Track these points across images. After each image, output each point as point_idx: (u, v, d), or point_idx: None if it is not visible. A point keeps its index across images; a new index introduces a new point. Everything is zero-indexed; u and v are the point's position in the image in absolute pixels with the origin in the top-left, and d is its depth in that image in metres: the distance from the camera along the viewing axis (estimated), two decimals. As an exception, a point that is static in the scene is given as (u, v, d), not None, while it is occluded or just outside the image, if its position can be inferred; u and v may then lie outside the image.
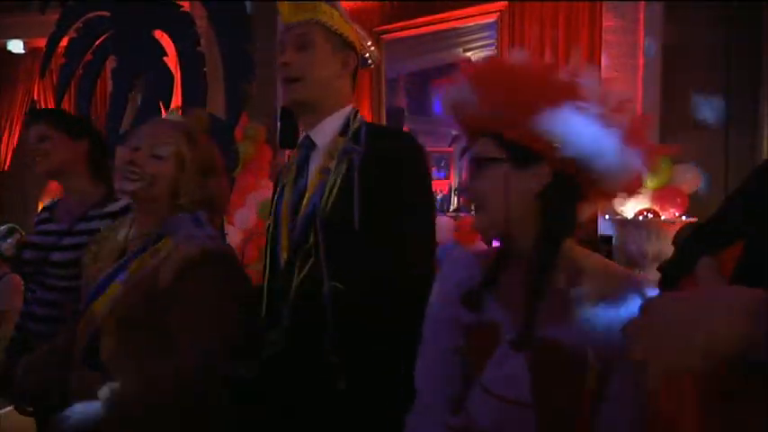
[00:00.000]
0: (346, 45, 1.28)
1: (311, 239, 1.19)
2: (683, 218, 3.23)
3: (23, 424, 1.71)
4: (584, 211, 0.91)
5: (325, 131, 1.27)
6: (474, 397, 0.91)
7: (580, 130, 0.82)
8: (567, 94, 0.84)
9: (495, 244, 0.99)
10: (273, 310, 1.23)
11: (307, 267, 1.19)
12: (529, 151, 0.85)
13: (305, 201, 1.23)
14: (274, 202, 1.33)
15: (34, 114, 1.78)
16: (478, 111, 0.89)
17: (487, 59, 0.94)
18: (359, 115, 1.29)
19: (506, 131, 0.86)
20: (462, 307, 0.93)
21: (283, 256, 1.23)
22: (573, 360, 0.84)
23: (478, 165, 0.90)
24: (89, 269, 1.32)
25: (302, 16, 1.25)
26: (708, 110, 3.46)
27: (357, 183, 1.17)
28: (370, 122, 1.29)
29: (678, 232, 3.22)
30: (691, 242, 0.77)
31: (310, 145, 1.28)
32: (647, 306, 0.58)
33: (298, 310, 1.19)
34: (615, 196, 0.90)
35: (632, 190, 0.89)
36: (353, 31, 1.29)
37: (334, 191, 1.19)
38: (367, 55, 1.34)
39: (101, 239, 1.36)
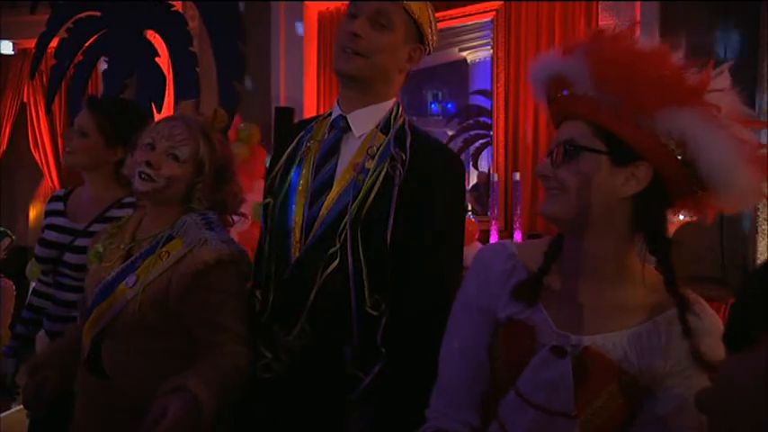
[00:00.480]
0: (419, 38, 1.20)
1: (336, 245, 1.11)
2: (681, 217, 3.20)
3: (22, 426, 1.70)
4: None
5: (366, 120, 1.18)
6: (507, 404, 0.84)
7: (702, 136, 0.75)
8: (693, 97, 0.76)
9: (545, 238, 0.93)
10: (286, 307, 1.15)
11: (330, 269, 1.11)
12: (631, 147, 0.77)
13: (332, 194, 1.14)
14: (280, 171, 1.22)
15: (90, 101, 1.73)
16: (587, 93, 0.79)
17: (608, 38, 0.81)
18: (401, 111, 1.21)
19: (617, 123, 0.77)
20: (503, 298, 0.87)
21: (296, 249, 1.15)
22: (616, 374, 0.80)
23: (568, 152, 0.81)
24: (93, 268, 1.28)
25: None
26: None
27: (396, 196, 1.10)
28: (412, 124, 1.21)
29: (677, 231, 3.20)
30: (754, 288, 0.67)
31: (345, 128, 1.19)
32: (727, 372, 0.51)
33: (316, 316, 1.12)
34: (720, 210, 0.82)
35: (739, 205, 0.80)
36: (430, 26, 1.21)
37: (371, 196, 1.11)
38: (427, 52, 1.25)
39: (107, 237, 1.32)
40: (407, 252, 1.10)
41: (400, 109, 1.21)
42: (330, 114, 1.23)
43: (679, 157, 0.76)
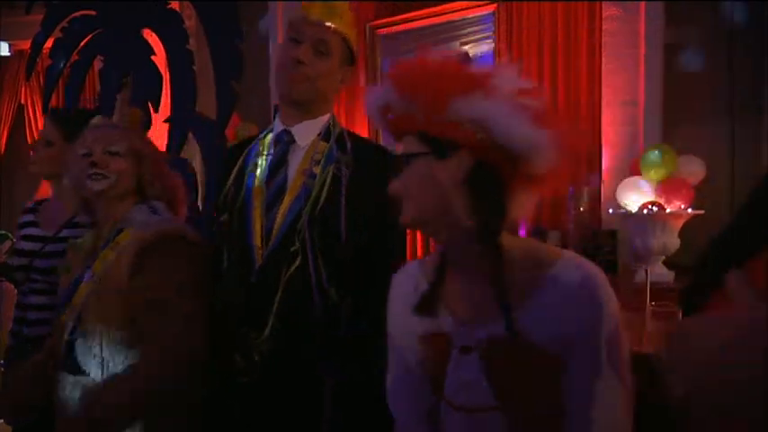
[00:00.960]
0: (351, 61, 1.35)
1: (296, 244, 1.21)
2: (689, 210, 3.16)
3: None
4: (521, 202, 0.90)
5: (308, 131, 1.32)
6: (442, 412, 0.92)
7: (490, 113, 0.84)
8: (478, 83, 0.87)
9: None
10: (255, 311, 1.23)
11: (292, 270, 1.21)
12: (448, 141, 0.87)
13: (286, 201, 1.25)
14: (231, 188, 1.32)
15: (53, 112, 1.85)
16: (399, 111, 0.91)
17: (406, 63, 0.95)
18: (336, 121, 1.36)
19: (425, 126, 0.88)
20: (414, 318, 0.94)
21: (258, 255, 1.24)
22: (529, 355, 0.84)
23: (404, 162, 0.92)
24: (63, 279, 1.36)
25: (331, 20, 1.28)
26: (711, 100, 3.39)
27: (344, 193, 1.23)
28: (348, 130, 1.36)
29: (684, 226, 3.16)
30: (712, 254, 0.72)
31: (289, 141, 1.32)
32: (683, 330, 0.54)
33: (284, 315, 1.21)
34: (543, 182, 0.89)
35: (561, 175, 0.89)
36: (356, 45, 1.35)
37: (322, 197, 1.24)
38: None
39: (73, 249, 1.39)
40: (361, 244, 1.22)
41: (335, 120, 1.36)
42: (270, 131, 1.36)
43: (481, 136, 0.85)
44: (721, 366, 0.47)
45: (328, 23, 1.28)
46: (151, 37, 2.32)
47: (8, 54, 4.86)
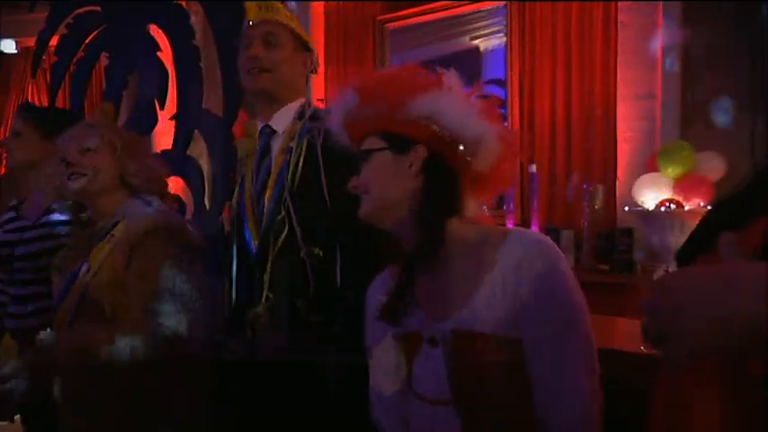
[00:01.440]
0: (305, 47, 1.46)
1: (282, 213, 1.29)
2: (709, 208, 3.08)
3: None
4: (471, 194, 0.98)
5: (284, 118, 1.41)
6: (409, 403, 0.97)
7: (443, 107, 0.93)
8: (432, 84, 0.96)
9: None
10: (250, 290, 1.31)
11: (281, 240, 1.29)
12: (406, 137, 0.96)
13: (270, 182, 1.34)
14: (236, 193, 1.41)
15: (19, 108, 1.96)
16: (360, 114, 1.00)
17: (368, 75, 1.08)
18: (312, 104, 1.44)
19: (385, 126, 0.97)
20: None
21: (254, 239, 1.32)
22: (489, 346, 0.87)
23: (365, 159, 0.99)
24: (56, 280, 1.38)
25: (268, 16, 1.40)
26: (730, 97, 3.30)
27: (321, 154, 1.29)
28: (322, 109, 1.43)
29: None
30: (710, 218, 0.75)
31: (270, 132, 1.42)
32: (666, 282, 0.55)
33: (277, 277, 1.29)
34: (489, 180, 0.98)
35: (504, 174, 0.99)
36: (306, 36, 1.47)
37: (300, 165, 1.32)
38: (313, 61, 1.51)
39: (65, 251, 1.41)
40: (344, 201, 1.26)
41: (311, 103, 1.45)
42: (247, 138, 1.47)
43: (435, 128, 0.93)
44: (698, 315, 0.50)
45: (267, 18, 1.40)
46: (157, 33, 2.29)
47: (14, 51, 4.85)
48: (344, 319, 1.22)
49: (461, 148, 0.94)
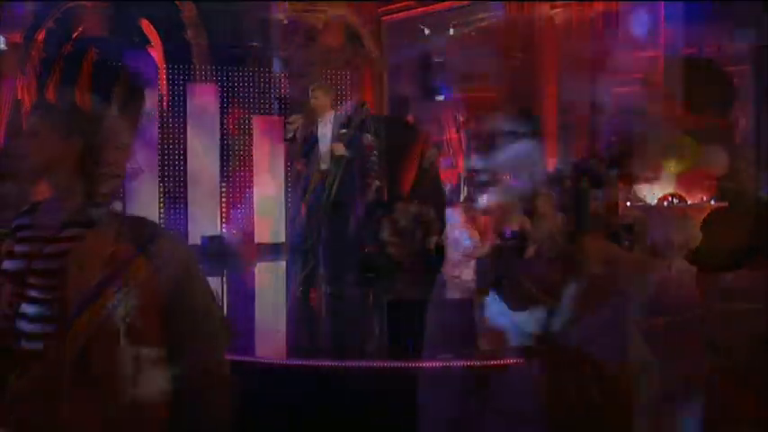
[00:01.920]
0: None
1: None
2: (712, 202, 3.04)
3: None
4: None
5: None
6: None
7: None
8: None
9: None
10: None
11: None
12: None
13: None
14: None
15: (34, 105, 1.86)
16: None
17: None
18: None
19: None
20: None
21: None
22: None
23: None
24: (75, 278, 1.24)
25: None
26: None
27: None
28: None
29: (706, 219, 3.04)
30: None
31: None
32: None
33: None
34: None
35: None
36: None
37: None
38: None
39: (86, 245, 1.31)
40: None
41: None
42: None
43: None
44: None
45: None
46: (147, 27, 2.24)
47: (2, 47, 4.77)
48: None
49: None
